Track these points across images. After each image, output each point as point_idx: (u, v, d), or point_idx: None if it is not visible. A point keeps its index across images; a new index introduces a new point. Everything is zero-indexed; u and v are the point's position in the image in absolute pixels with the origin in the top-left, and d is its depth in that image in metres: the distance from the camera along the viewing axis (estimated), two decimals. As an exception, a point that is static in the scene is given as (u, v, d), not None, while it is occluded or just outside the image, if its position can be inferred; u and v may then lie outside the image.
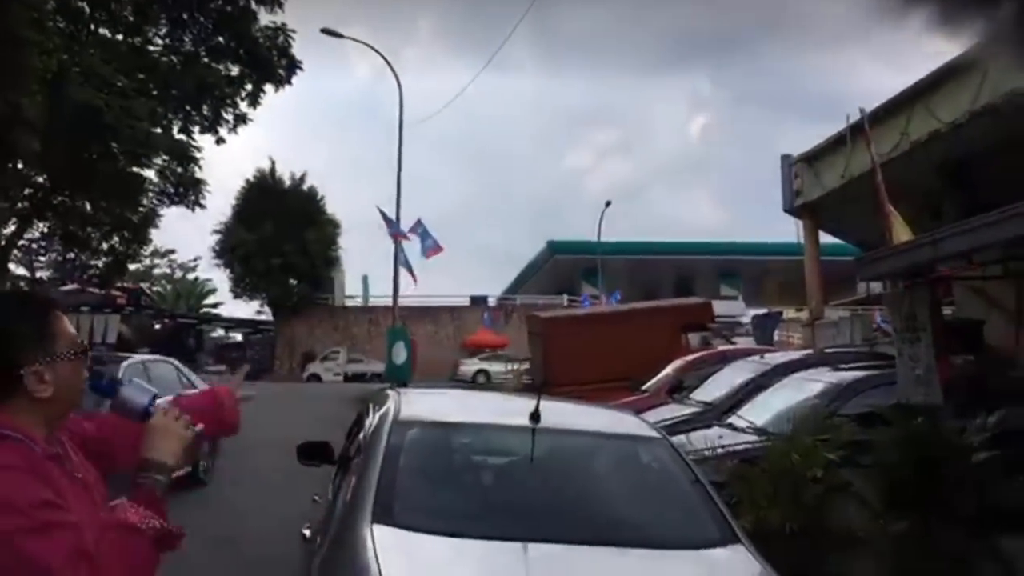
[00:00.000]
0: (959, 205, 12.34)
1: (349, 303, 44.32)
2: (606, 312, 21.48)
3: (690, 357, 13.33)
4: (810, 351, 13.52)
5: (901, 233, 8.69)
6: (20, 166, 20.88)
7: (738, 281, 45.81)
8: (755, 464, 5.66)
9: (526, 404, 3.26)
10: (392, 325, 23.73)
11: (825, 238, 21.21)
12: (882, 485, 5.49)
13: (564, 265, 45.16)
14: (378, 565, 2.47)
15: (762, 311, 26.03)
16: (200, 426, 1.72)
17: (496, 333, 38.42)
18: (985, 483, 5.42)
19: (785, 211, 20.23)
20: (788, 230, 21.17)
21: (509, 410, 3.72)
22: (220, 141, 25.42)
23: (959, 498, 5.25)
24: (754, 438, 6.70)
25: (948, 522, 5.25)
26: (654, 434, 3.80)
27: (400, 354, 21.60)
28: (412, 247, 23.67)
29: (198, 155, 25.84)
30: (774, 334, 21.75)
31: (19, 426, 1.54)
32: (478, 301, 43.10)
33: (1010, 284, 15.42)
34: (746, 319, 29.00)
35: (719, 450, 6.21)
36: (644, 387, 12.04)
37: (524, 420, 3.17)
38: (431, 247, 22.94)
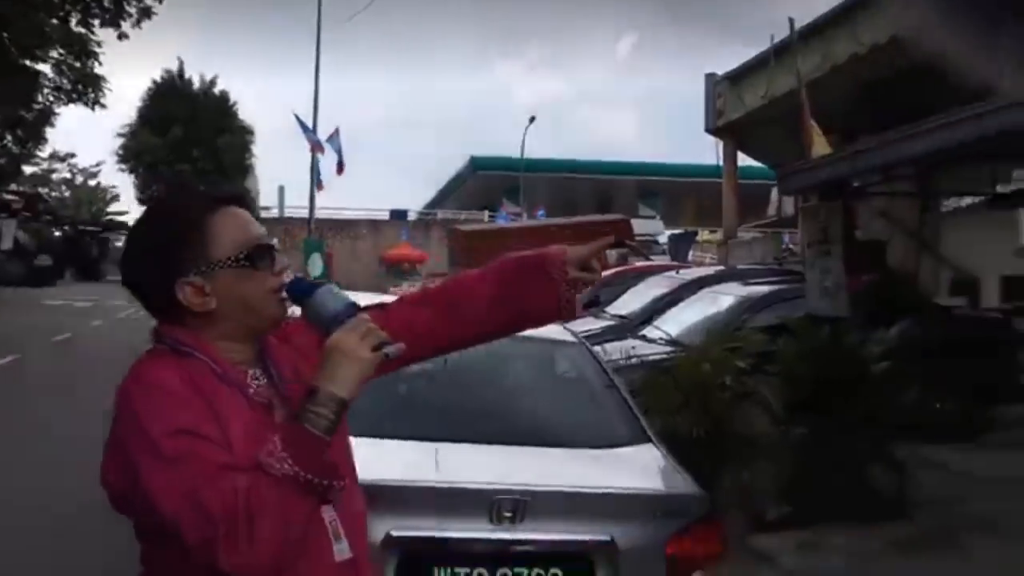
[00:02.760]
0: (873, 129, 12.64)
1: (264, 214, 43.05)
2: (527, 226, 21.26)
3: (607, 272, 13.44)
4: (722, 267, 13.85)
5: (820, 148, 8.84)
6: None
7: (657, 201, 46.41)
8: (667, 373, 5.76)
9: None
10: (308, 237, 23.20)
11: (742, 161, 21.54)
12: (786, 393, 5.68)
13: (486, 181, 44.76)
14: None
15: (678, 231, 26.50)
16: (399, 346, 1.34)
17: (415, 247, 38.09)
18: (881, 391, 5.67)
19: (707, 131, 20.37)
20: (708, 153, 21.43)
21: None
22: (123, 36, 23.75)
23: (857, 405, 5.48)
24: (667, 348, 6.82)
25: (846, 428, 5.48)
26: (571, 338, 3.77)
27: (316, 266, 21.20)
28: (328, 158, 23.00)
29: (98, 50, 24.20)
30: (689, 253, 22.21)
31: (198, 343, 1.36)
32: (398, 215, 42.50)
33: (912, 206, 16.07)
34: (663, 238, 29.50)
35: (633, 360, 6.29)
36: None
37: None
38: (340, 162, 22.38)
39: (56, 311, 21.43)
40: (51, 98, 25.06)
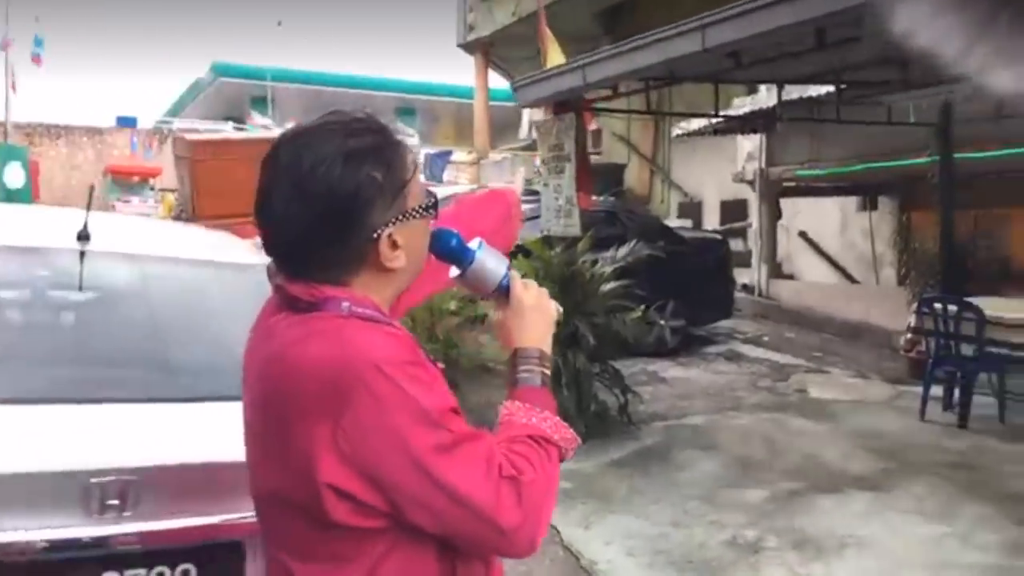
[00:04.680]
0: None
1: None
2: (263, 138, 19.87)
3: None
4: (475, 188, 13.73)
5: (555, 58, 8.70)
6: None
7: (414, 120, 45.76)
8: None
9: (77, 219, 2.43)
10: (3, 142, 19.87)
11: (499, 83, 21.48)
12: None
13: (231, 90, 41.39)
14: None
15: (434, 150, 26.20)
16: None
17: (148, 160, 34.47)
18: (611, 311, 5.67)
19: (459, 46, 20.00)
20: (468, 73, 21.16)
21: (51, 227, 2.81)
22: None
23: (588, 325, 5.42)
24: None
25: (576, 347, 5.42)
26: (259, 261, 3.12)
27: (17, 177, 18.19)
28: (26, 51, 19.73)
29: None
30: (444, 172, 22.02)
31: (379, 308, 1.15)
32: (126, 123, 38.09)
33: (648, 132, 16.89)
34: (420, 157, 29.09)
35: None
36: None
37: (69, 241, 2.35)
38: (38, 54, 19.26)
39: None
40: None
